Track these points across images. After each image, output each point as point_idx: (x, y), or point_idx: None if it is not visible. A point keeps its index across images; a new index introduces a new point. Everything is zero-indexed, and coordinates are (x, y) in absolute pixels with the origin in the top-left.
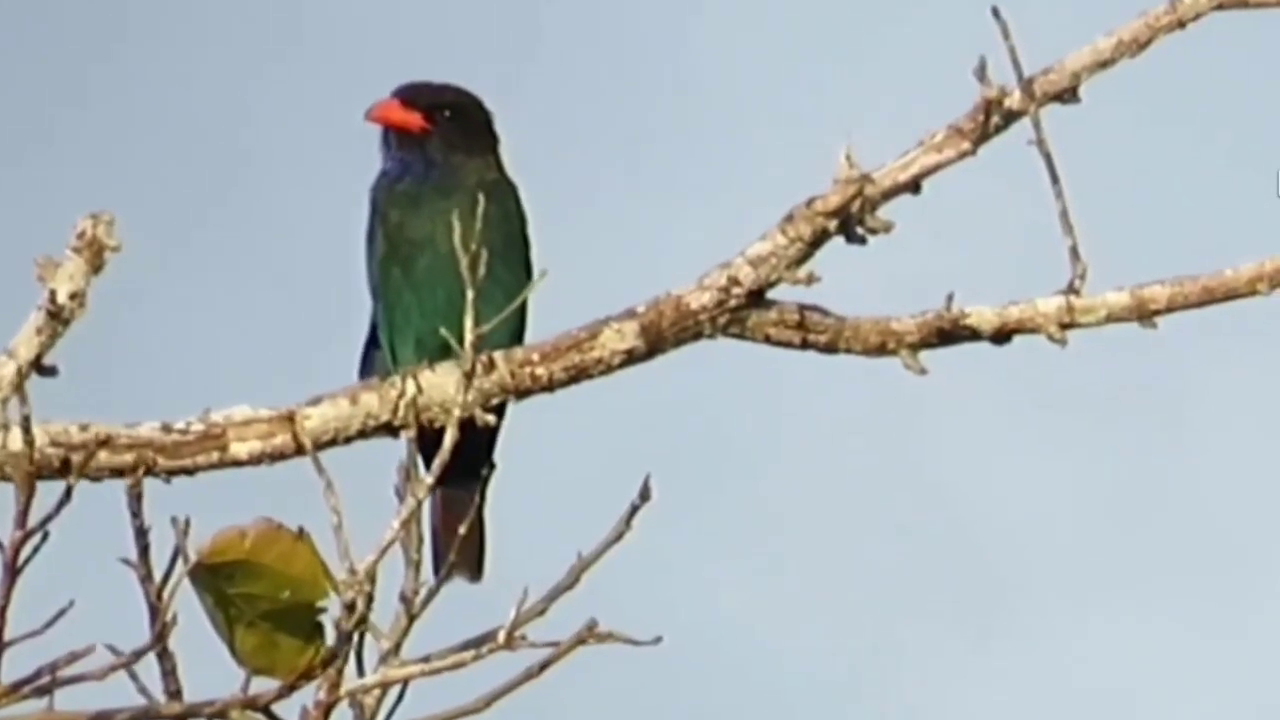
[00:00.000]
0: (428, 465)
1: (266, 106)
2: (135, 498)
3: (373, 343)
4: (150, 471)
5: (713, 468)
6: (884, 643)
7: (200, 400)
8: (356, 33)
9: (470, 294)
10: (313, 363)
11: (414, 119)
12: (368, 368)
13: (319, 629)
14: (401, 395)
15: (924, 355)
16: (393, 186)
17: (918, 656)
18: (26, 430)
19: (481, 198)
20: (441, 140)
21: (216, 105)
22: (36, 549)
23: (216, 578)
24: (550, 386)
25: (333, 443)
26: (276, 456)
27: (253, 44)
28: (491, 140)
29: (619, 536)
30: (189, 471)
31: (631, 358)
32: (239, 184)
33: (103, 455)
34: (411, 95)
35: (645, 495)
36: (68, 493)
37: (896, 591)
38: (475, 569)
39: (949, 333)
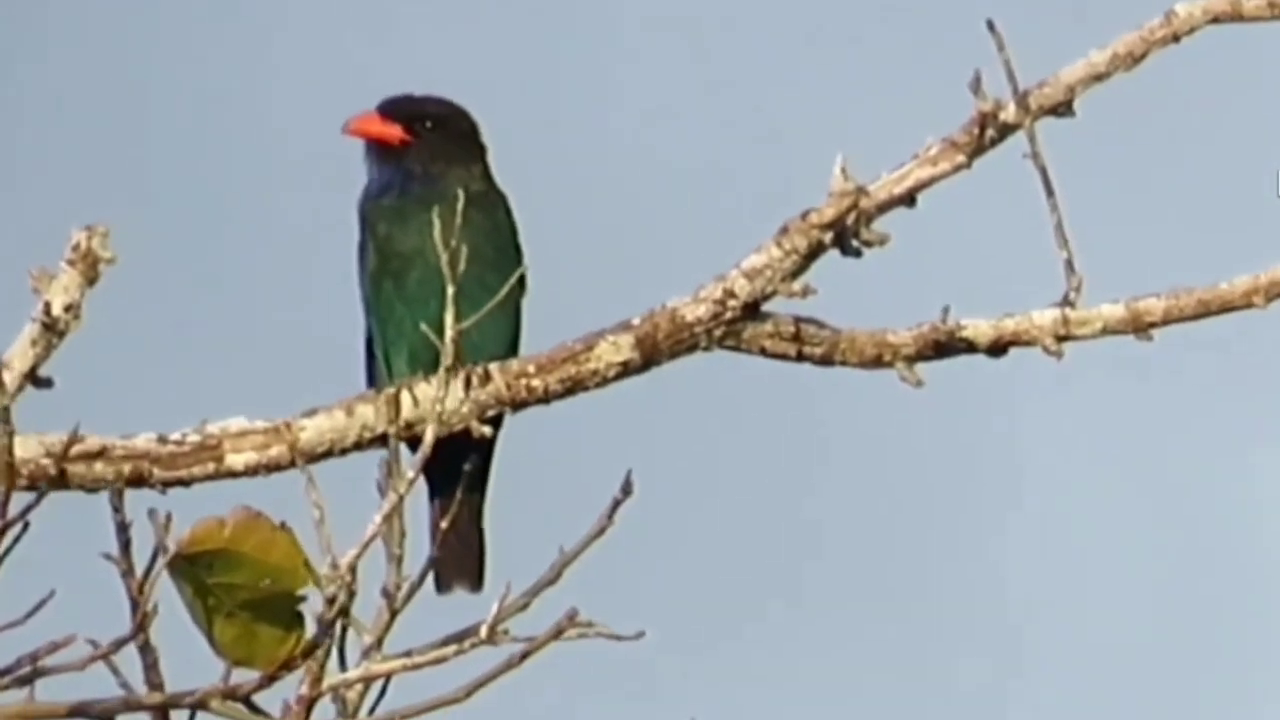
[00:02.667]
0: (430, 479)
1: (265, 115)
2: (117, 494)
3: (373, 356)
4: (146, 482)
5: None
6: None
7: (196, 412)
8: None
9: (451, 289)
10: (309, 375)
11: (393, 131)
12: (373, 380)
13: (299, 619)
14: (396, 407)
15: (920, 367)
16: (378, 200)
17: None
18: (5, 420)
19: (467, 206)
20: (422, 152)
21: (215, 114)
22: (16, 540)
23: (195, 567)
24: (546, 398)
25: (329, 454)
26: (272, 468)
27: (250, 52)
28: (477, 150)
29: (601, 531)
30: (185, 483)
31: (627, 370)
32: (236, 193)
33: (98, 466)
34: (392, 107)
35: (627, 490)
36: (50, 482)
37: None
38: (476, 580)
39: (945, 345)
